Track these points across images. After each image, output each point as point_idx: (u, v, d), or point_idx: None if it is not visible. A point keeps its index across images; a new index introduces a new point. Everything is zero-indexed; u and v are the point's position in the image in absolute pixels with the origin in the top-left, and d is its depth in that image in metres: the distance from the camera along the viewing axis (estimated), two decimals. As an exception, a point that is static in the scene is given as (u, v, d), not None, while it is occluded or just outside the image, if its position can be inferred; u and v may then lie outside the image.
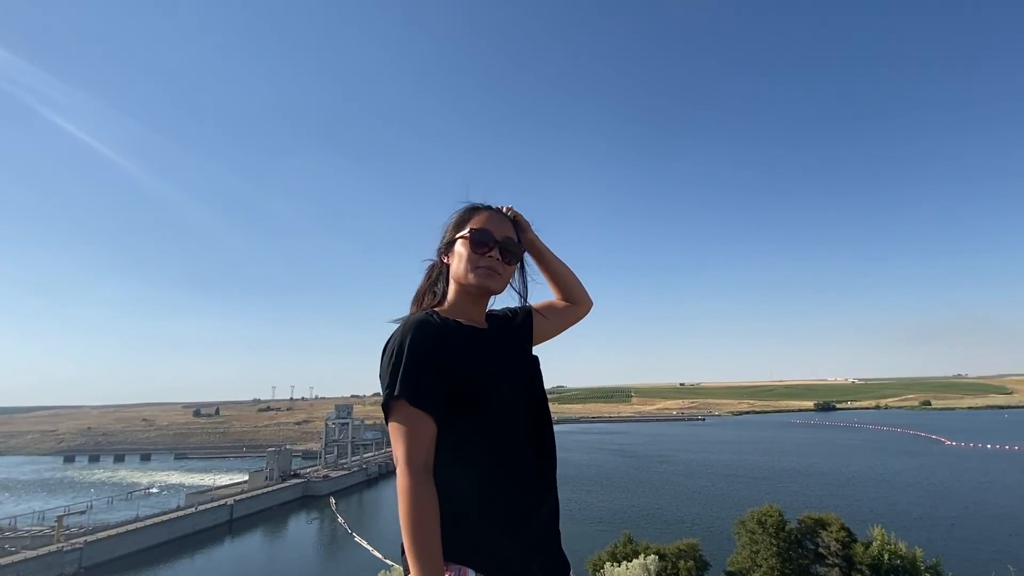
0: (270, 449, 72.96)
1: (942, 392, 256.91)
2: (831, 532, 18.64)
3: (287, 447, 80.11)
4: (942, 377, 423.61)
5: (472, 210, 1.53)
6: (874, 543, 17.54)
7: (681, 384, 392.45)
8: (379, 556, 35.95)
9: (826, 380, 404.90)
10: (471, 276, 1.46)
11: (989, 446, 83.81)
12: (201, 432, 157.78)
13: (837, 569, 17.74)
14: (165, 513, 47.16)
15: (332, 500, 59.50)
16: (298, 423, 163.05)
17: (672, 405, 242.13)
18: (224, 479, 74.56)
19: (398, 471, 1.19)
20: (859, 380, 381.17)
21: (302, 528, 51.09)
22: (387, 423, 1.24)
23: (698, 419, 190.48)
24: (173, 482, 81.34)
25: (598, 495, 54.02)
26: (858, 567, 17.17)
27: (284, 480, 63.69)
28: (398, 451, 1.20)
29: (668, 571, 17.82)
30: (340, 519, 50.70)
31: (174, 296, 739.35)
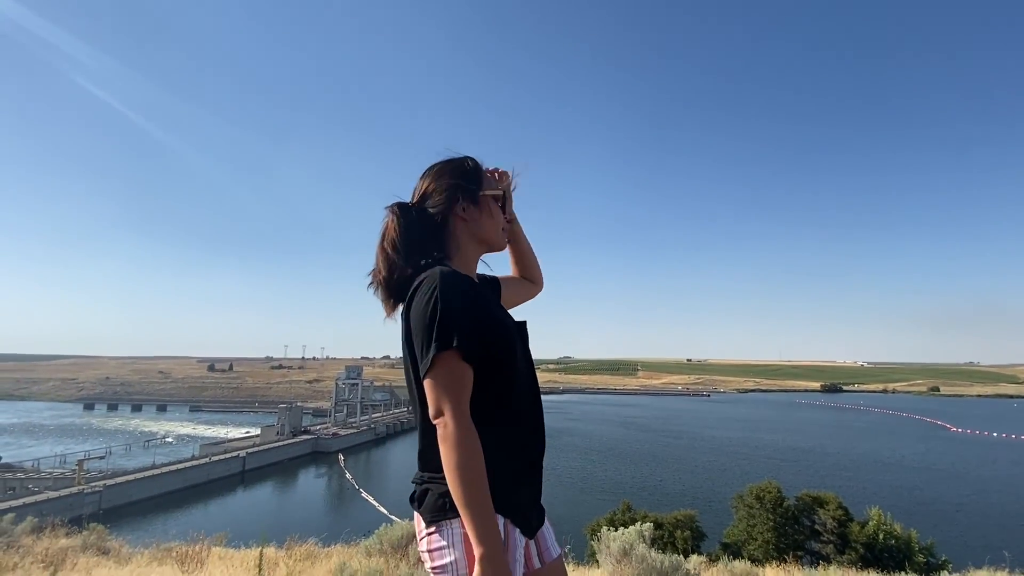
0: (281, 405, 74.76)
1: (952, 379, 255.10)
2: (828, 510, 18.87)
3: (298, 404, 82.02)
4: (953, 364, 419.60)
5: (481, 168, 1.52)
6: (870, 523, 17.73)
7: (688, 360, 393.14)
8: (384, 511, 37.13)
9: (834, 362, 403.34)
10: (498, 237, 1.51)
11: (995, 434, 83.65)
12: (215, 386, 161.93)
13: (832, 546, 18.03)
14: (180, 462, 48.89)
15: (341, 457, 61.20)
16: (309, 382, 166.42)
17: (678, 380, 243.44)
18: (237, 432, 76.88)
19: (449, 422, 1.16)
20: (868, 363, 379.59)
21: (311, 482, 52.81)
22: (427, 375, 1.20)
23: (703, 395, 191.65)
24: (188, 433, 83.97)
25: (601, 465, 55.00)
26: (853, 545, 17.42)
27: (295, 436, 65.40)
28: (447, 402, 1.18)
29: (665, 539, 18.22)
30: (348, 475, 52.26)
31: (192, 254, 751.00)
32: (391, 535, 4.46)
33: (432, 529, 1.23)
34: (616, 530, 4.47)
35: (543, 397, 1.44)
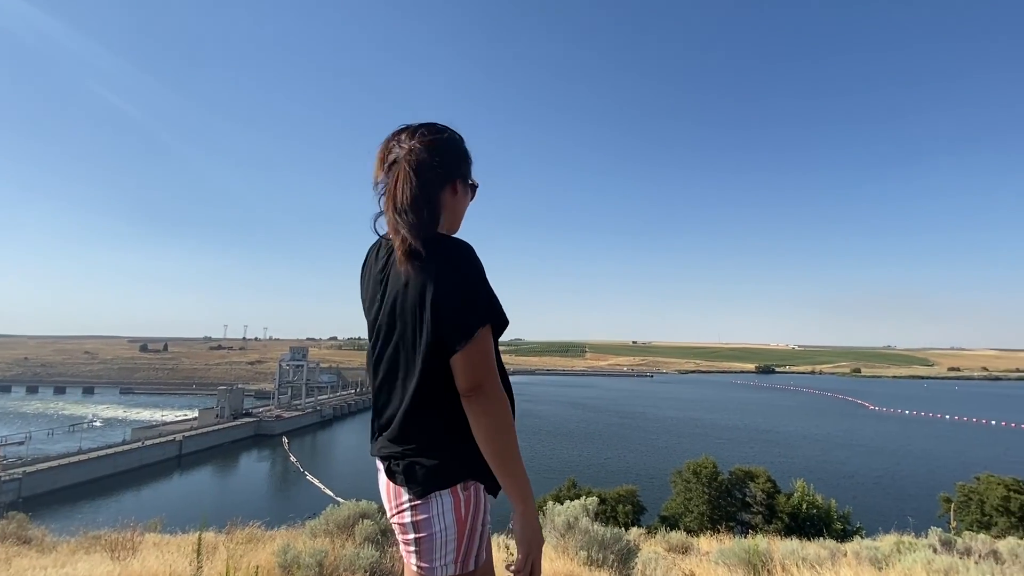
0: (221, 387, 72.01)
1: (872, 361, 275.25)
2: (758, 483, 20.11)
3: (239, 386, 79.27)
4: (873, 347, 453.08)
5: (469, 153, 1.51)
6: (795, 494, 19.07)
7: (634, 342, 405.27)
8: (330, 493, 36.65)
9: (768, 344, 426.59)
10: (460, 224, 1.50)
11: (907, 412, 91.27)
12: (148, 368, 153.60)
13: (760, 516, 19.28)
14: (110, 447, 46.34)
15: (285, 440, 59.74)
16: (251, 363, 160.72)
17: (624, 361, 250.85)
18: (173, 416, 73.44)
19: (492, 393, 1.22)
20: (798, 346, 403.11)
21: (253, 466, 51.33)
22: (468, 346, 1.20)
23: (647, 375, 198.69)
24: (118, 416, 79.49)
25: (549, 444, 56.20)
26: (779, 515, 18.70)
27: (236, 419, 63.27)
28: (489, 375, 1.22)
29: (607, 514, 18.93)
30: (293, 458, 51.13)
31: (122, 226, 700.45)
32: (337, 516, 4.42)
33: (420, 501, 1.25)
34: (561, 504, 4.61)
35: None
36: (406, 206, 1.29)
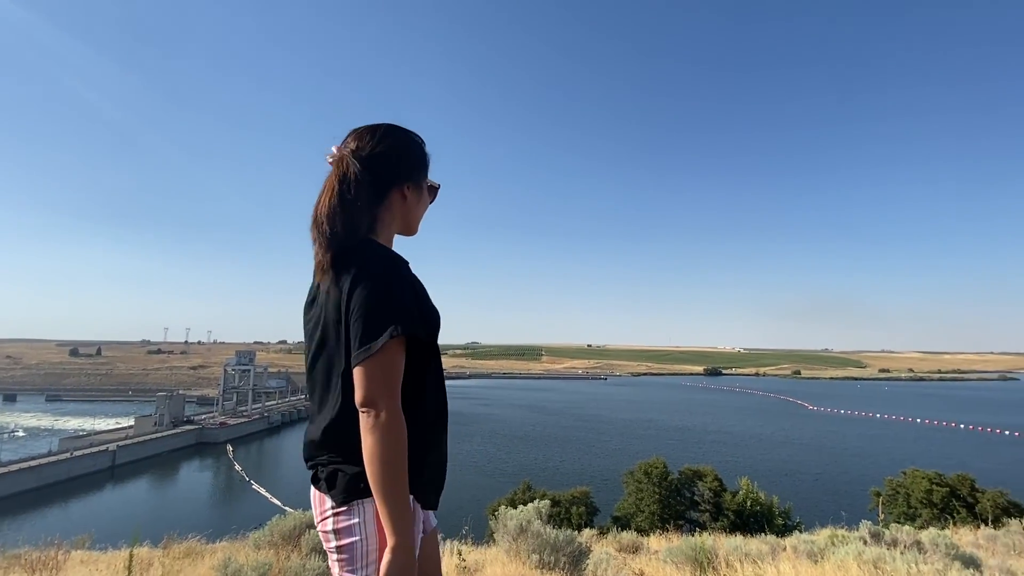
0: (160, 394, 68.35)
1: (811, 363, 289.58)
2: (706, 482, 20.78)
3: (180, 392, 75.39)
4: (812, 350, 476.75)
5: (427, 154, 1.48)
6: (741, 492, 19.79)
7: (588, 345, 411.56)
8: (278, 503, 35.38)
9: (716, 348, 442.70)
10: (418, 225, 1.48)
11: (843, 411, 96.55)
12: (79, 373, 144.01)
13: (708, 514, 19.91)
14: (34, 458, 43.15)
15: (229, 447, 57.28)
16: (193, 368, 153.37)
17: (578, 364, 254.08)
18: (106, 424, 69.18)
19: (384, 414, 1.15)
20: (743, 349, 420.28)
21: (195, 476, 48.91)
22: (368, 361, 1.16)
23: (601, 378, 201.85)
24: (44, 425, 74.16)
25: (505, 448, 56.27)
26: (725, 512, 19.37)
27: (176, 426, 60.23)
28: (385, 393, 1.16)
29: (561, 516, 19.10)
30: (238, 467, 49.06)
31: (51, 224, 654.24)
32: (283, 526, 4.26)
33: (343, 508, 1.22)
34: (515, 508, 4.62)
35: (451, 382, 1.45)
36: (322, 218, 1.28)
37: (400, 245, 1.45)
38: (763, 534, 8.98)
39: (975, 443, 62.76)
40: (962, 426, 76.11)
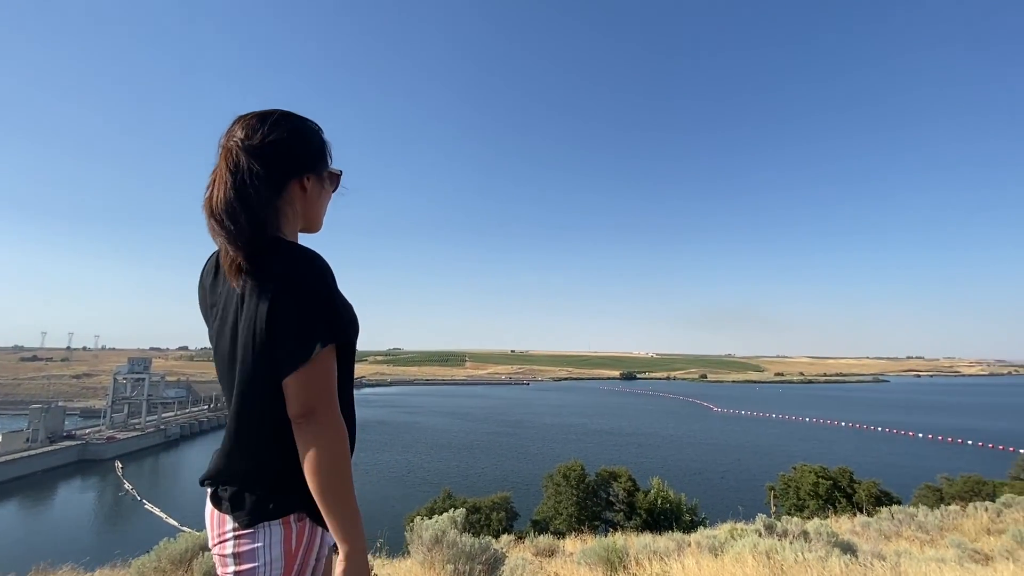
0: (35, 406, 60.68)
1: (716, 368, 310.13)
2: (621, 483, 21.55)
3: (59, 404, 67.48)
4: (717, 355, 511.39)
5: (326, 142, 1.36)
6: (652, 491, 20.70)
7: (512, 351, 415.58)
8: (174, 523, 32.56)
9: (631, 353, 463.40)
10: (321, 220, 1.37)
11: (744, 412, 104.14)
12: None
13: (622, 514, 20.65)
14: None
15: (118, 464, 52.01)
16: (77, 377, 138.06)
17: (503, 370, 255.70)
18: (-37, 442, 60.42)
19: (327, 421, 1.09)
20: (656, 354, 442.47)
21: (75, 497, 43.87)
22: (302, 369, 1.08)
23: (524, 383, 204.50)
24: None
25: (427, 456, 55.36)
26: (638, 511, 20.17)
27: (53, 442, 53.83)
28: (325, 400, 1.09)
29: (482, 522, 19.04)
30: (128, 485, 44.62)
31: None
32: (172, 550, 3.89)
33: (246, 531, 1.12)
34: (430, 518, 4.53)
35: (372, 389, 1.36)
36: (220, 212, 1.16)
37: (313, 244, 1.36)
38: (671, 531, 9.43)
39: (853, 439, 69.98)
40: (843, 424, 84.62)
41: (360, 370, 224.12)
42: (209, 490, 1.20)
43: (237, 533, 1.13)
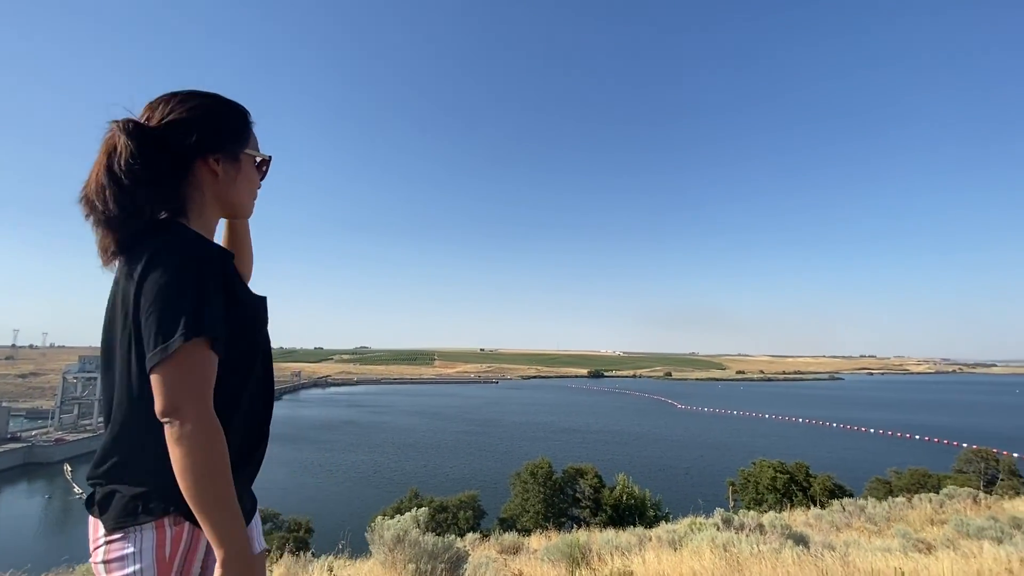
0: (-25, 407, 57.55)
1: (680, 366, 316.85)
2: (587, 480, 21.80)
3: (3, 404, 64.05)
4: (681, 354, 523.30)
5: (249, 123, 1.29)
6: (617, 487, 21.01)
7: (481, 349, 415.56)
8: (128, 528, 31.29)
9: (598, 351, 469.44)
10: (248, 204, 1.31)
11: (707, 409, 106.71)
12: None
13: (588, 510, 20.89)
14: None
15: (67, 467, 49.57)
16: (22, 376, 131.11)
17: (471, 369, 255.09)
18: None
19: (192, 421, 0.99)
20: (623, 353, 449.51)
21: (19, 502, 41.77)
22: (163, 364, 0.99)
23: (493, 382, 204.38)
24: None
25: (394, 457, 54.75)
26: (604, 507, 20.44)
27: (-5, 445, 51.09)
28: (190, 398, 1.00)
29: (449, 521, 18.98)
30: (77, 489, 42.64)
31: None
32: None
33: (116, 536, 1.04)
34: (392, 518, 4.49)
35: (338, 388, 1.30)
36: (92, 195, 1.10)
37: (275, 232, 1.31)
38: (635, 526, 9.60)
39: (810, 434, 72.57)
40: (800, 420, 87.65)
41: (326, 369, 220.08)
42: (86, 493, 1.14)
43: (107, 539, 1.04)
